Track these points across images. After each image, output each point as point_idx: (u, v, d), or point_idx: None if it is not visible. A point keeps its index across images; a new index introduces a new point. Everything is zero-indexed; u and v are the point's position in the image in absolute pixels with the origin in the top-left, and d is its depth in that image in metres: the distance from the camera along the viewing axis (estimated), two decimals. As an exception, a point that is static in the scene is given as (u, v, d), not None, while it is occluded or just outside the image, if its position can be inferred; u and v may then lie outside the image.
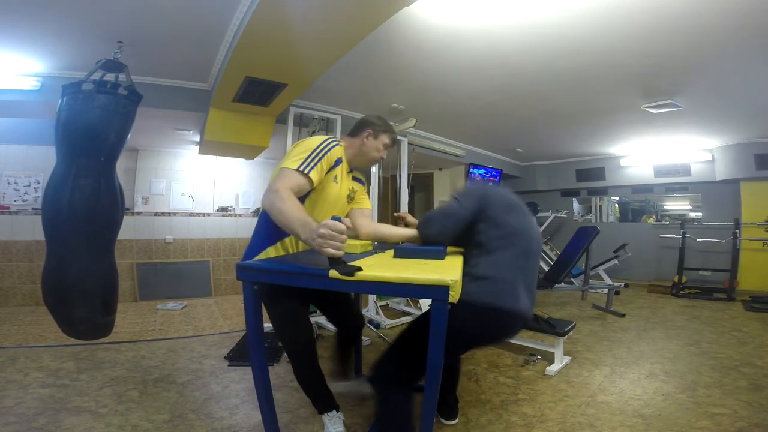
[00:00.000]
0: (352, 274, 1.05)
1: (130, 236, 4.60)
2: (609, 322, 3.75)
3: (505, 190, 1.52)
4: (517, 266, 1.35)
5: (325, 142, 1.44)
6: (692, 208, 6.08)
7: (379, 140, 1.62)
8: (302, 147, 1.39)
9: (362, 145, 1.60)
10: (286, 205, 1.18)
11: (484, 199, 1.42)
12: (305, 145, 1.40)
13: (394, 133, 1.68)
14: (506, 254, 1.35)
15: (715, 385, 2.23)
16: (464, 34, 2.42)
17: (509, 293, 1.32)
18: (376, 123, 1.62)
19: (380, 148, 1.63)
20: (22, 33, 2.33)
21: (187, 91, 3.24)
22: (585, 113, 4.08)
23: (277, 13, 1.86)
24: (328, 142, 1.44)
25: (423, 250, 1.39)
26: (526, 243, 1.40)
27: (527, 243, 1.40)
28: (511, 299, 1.32)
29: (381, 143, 1.62)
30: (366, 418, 1.87)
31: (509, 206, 1.43)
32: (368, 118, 1.66)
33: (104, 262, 2.11)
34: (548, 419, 1.87)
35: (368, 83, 3.31)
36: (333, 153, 1.45)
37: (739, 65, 2.75)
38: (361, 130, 1.61)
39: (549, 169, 7.08)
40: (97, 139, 2.01)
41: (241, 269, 1.21)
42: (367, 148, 1.61)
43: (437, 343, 1.04)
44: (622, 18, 2.19)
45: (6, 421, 1.76)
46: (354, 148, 1.61)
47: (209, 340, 3.08)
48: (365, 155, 1.62)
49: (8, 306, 3.98)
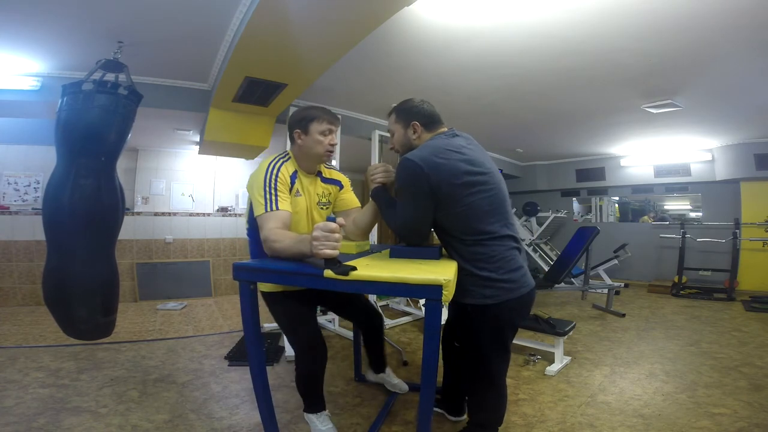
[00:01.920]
0: (347, 273, 1.05)
1: (130, 236, 4.60)
2: (609, 322, 3.75)
3: (447, 143, 1.34)
4: (509, 245, 1.35)
5: (269, 169, 1.42)
6: (692, 208, 6.09)
7: (311, 133, 1.48)
8: (255, 186, 1.39)
9: (301, 147, 1.51)
10: (281, 243, 1.25)
11: (428, 175, 1.26)
12: (257, 182, 1.40)
13: (324, 115, 1.50)
14: (496, 241, 1.31)
15: (715, 385, 2.23)
16: (464, 34, 2.42)
17: (522, 281, 1.35)
18: (298, 118, 1.51)
19: (319, 139, 1.48)
20: (22, 33, 2.33)
21: (187, 91, 3.24)
22: (585, 113, 4.08)
23: (277, 13, 1.86)
24: (272, 168, 1.42)
25: (418, 251, 1.40)
26: (502, 217, 1.34)
27: (503, 216, 1.35)
28: (525, 283, 1.36)
29: (316, 133, 1.48)
30: (366, 418, 1.87)
31: (452, 173, 1.28)
32: (292, 116, 1.55)
33: (104, 262, 2.11)
34: (548, 419, 1.87)
35: (368, 83, 3.31)
36: (283, 172, 1.44)
37: (739, 65, 2.75)
38: (292, 134, 1.52)
39: (549, 169, 7.08)
40: (97, 139, 2.01)
41: (238, 269, 1.22)
42: (307, 147, 1.50)
43: (432, 341, 1.05)
44: (622, 18, 2.19)
45: (6, 421, 1.76)
46: (298, 153, 1.54)
47: (209, 340, 3.08)
48: (311, 154, 1.51)
49: (8, 306, 3.98)
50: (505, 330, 1.41)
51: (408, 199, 1.33)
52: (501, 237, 1.32)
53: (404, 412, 1.94)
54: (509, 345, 1.45)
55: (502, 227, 1.33)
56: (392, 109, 1.54)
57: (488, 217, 1.30)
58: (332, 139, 1.52)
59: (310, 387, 1.61)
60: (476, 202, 1.29)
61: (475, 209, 1.29)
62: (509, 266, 1.32)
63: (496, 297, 1.29)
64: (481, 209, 1.29)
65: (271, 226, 1.30)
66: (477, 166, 1.31)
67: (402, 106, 1.51)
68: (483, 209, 1.30)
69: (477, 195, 1.29)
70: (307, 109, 1.53)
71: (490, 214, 1.31)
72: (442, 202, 1.29)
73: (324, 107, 1.56)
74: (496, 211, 1.33)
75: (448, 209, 1.30)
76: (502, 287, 1.30)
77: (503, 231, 1.33)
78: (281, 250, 1.24)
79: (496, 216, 1.32)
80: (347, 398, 2.08)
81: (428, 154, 1.28)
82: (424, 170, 1.25)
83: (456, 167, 1.27)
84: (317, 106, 1.55)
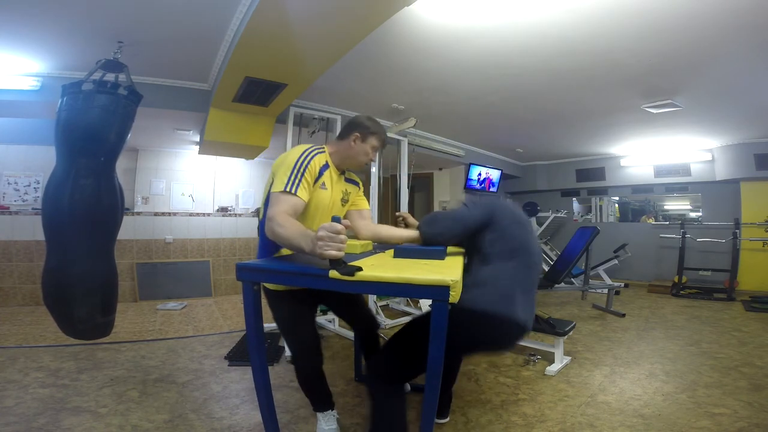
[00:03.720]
0: (353, 274, 1.05)
1: (130, 236, 4.60)
2: (609, 322, 3.75)
3: (513, 205, 1.56)
4: (516, 279, 1.37)
5: (304, 154, 1.41)
6: (692, 208, 6.09)
7: (367, 143, 1.54)
8: (284, 164, 1.37)
9: (349, 149, 1.53)
10: (285, 230, 1.20)
11: (494, 211, 1.46)
12: (286, 161, 1.38)
13: (383, 135, 1.60)
14: (507, 266, 1.38)
15: (715, 385, 2.23)
16: (464, 34, 2.42)
17: (506, 301, 1.33)
18: (364, 125, 1.55)
19: (368, 152, 1.55)
20: (23, 33, 2.33)
21: (187, 91, 3.24)
22: (585, 113, 4.08)
23: (277, 13, 1.86)
24: (307, 154, 1.41)
25: (423, 251, 1.39)
26: (528, 257, 1.44)
27: (529, 257, 1.44)
28: (508, 307, 1.32)
29: (369, 146, 1.55)
30: (366, 417, 1.87)
31: (517, 221, 1.48)
32: (357, 120, 1.58)
33: (104, 262, 2.11)
34: (548, 419, 1.87)
35: (368, 83, 3.31)
36: (315, 162, 1.42)
37: (739, 65, 2.75)
38: (349, 133, 1.54)
39: (549, 169, 7.08)
40: (97, 139, 2.01)
41: (241, 269, 1.21)
42: (355, 152, 1.53)
43: (438, 343, 1.03)
44: (622, 18, 2.19)
45: (6, 421, 1.76)
46: (341, 152, 1.55)
47: (209, 340, 3.08)
48: (353, 159, 1.55)
49: (8, 306, 3.98)
50: (461, 336, 1.28)
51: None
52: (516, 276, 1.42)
53: (404, 412, 1.94)
54: (446, 354, 1.26)
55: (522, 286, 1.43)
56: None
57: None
58: (375, 157, 1.63)
59: (312, 386, 1.62)
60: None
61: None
62: (504, 289, 1.37)
63: (472, 301, 1.29)
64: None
65: (282, 209, 1.27)
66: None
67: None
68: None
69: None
70: (373, 122, 1.58)
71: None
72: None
73: (384, 128, 1.63)
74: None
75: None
76: (487, 299, 1.32)
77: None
78: (282, 236, 1.20)
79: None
80: (347, 398, 2.08)
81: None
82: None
83: None
84: (381, 125, 1.61)
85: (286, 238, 1.19)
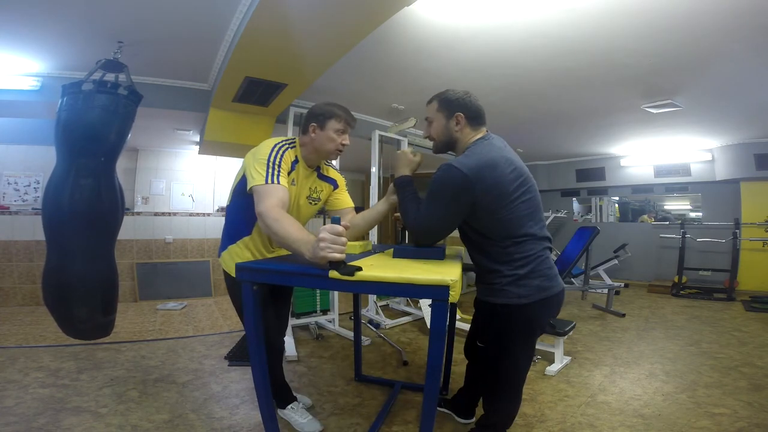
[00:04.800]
0: (353, 274, 1.05)
1: (130, 236, 4.60)
2: (609, 322, 3.75)
3: (503, 150, 1.37)
4: (543, 246, 1.35)
5: (275, 147, 1.38)
6: (692, 208, 6.09)
7: (327, 129, 1.46)
8: (258, 159, 1.34)
9: (312, 141, 1.48)
10: (281, 225, 1.17)
11: (486, 170, 1.26)
12: (258, 155, 1.35)
13: (343, 114, 1.49)
14: (531, 241, 1.31)
15: (715, 385, 2.23)
16: (464, 34, 2.42)
17: (554, 280, 1.35)
18: (317, 113, 1.48)
19: (333, 137, 1.47)
20: (23, 33, 2.33)
21: (187, 91, 3.24)
22: (585, 113, 4.08)
23: (277, 13, 1.86)
24: (278, 149, 1.39)
25: (423, 251, 1.39)
26: (537, 201, 1.36)
27: (537, 199, 1.37)
28: (557, 284, 1.35)
29: (332, 131, 1.46)
30: (366, 417, 1.87)
31: (516, 172, 1.31)
32: (311, 110, 1.51)
33: (104, 262, 2.11)
34: (548, 419, 1.87)
35: (368, 83, 3.31)
36: (287, 157, 1.41)
37: (739, 65, 2.74)
38: (306, 126, 1.49)
39: (549, 169, 7.08)
40: (97, 139, 2.00)
41: (240, 269, 1.21)
42: (318, 143, 1.48)
43: (437, 342, 1.04)
44: (622, 18, 2.19)
45: (6, 421, 1.76)
46: (307, 146, 1.51)
47: (209, 340, 3.08)
48: (320, 149, 1.49)
49: (8, 306, 3.98)
50: (535, 330, 1.41)
51: (439, 204, 1.31)
52: (538, 238, 1.33)
53: (404, 412, 1.94)
54: (535, 345, 1.46)
55: (540, 229, 1.35)
56: (434, 97, 1.49)
57: (527, 221, 1.31)
58: (345, 139, 1.50)
59: (275, 375, 1.62)
60: (518, 207, 1.29)
61: (517, 214, 1.29)
62: (543, 266, 1.33)
63: (529, 297, 1.29)
64: (523, 213, 1.30)
65: (272, 203, 1.24)
66: (521, 175, 1.32)
67: (446, 95, 1.46)
68: (524, 213, 1.30)
69: (519, 201, 1.29)
70: (327, 105, 1.49)
71: (529, 217, 1.32)
72: (482, 210, 1.28)
73: (344, 107, 1.52)
74: (534, 214, 1.34)
75: (492, 216, 1.29)
76: (536, 286, 1.30)
77: (541, 233, 1.35)
78: (278, 232, 1.17)
79: (534, 219, 1.34)
80: (347, 398, 2.08)
81: (476, 164, 1.25)
82: (470, 182, 1.22)
83: (504, 179, 1.26)
84: (338, 105, 1.51)
85: (284, 236, 1.17)
